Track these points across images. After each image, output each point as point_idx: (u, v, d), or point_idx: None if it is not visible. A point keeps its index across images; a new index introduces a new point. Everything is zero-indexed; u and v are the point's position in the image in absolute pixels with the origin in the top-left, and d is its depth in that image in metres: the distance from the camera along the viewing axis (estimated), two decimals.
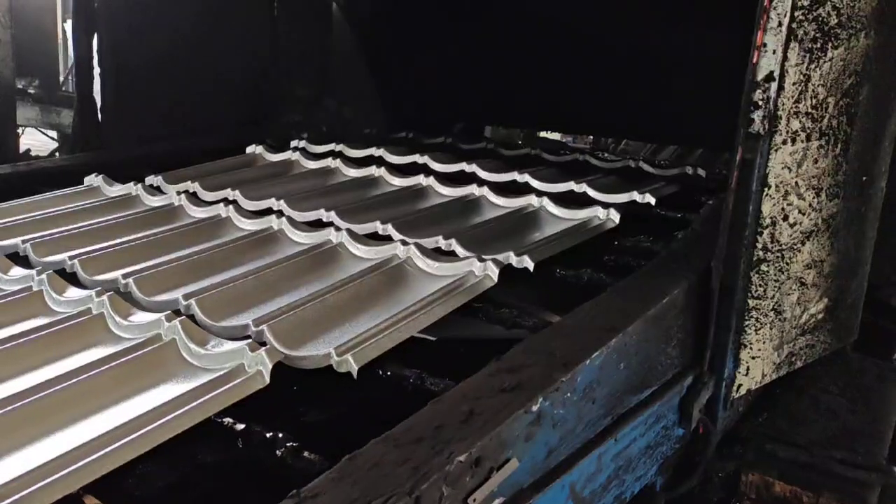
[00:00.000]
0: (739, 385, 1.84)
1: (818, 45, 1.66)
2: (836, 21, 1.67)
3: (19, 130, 4.50)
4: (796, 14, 1.60)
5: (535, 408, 1.24)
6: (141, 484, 1.26)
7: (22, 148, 4.42)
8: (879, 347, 2.45)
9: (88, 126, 3.22)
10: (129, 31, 3.22)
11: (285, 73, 3.82)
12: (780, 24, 1.59)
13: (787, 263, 1.80)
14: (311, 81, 3.92)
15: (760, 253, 1.74)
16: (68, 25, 6.70)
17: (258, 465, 1.32)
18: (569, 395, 1.33)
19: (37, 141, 6.06)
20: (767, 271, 1.77)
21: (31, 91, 5.69)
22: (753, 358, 1.83)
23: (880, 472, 1.79)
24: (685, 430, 1.79)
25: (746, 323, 1.79)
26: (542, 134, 5.91)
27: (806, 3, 1.61)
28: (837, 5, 1.66)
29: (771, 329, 1.83)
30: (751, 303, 1.77)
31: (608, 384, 1.46)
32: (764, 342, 1.83)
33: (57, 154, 5.44)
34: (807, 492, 1.76)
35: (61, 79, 6.76)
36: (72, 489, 1.11)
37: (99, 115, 3.22)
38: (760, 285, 1.77)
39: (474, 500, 1.11)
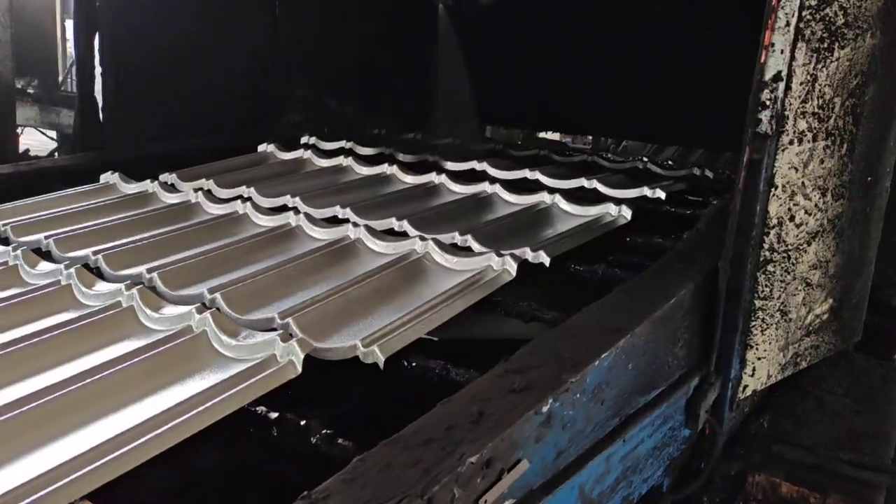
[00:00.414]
0: (745, 386, 1.83)
1: (825, 44, 1.66)
2: (842, 21, 1.67)
3: (18, 130, 4.49)
4: (804, 14, 1.60)
5: (545, 409, 1.23)
6: (175, 471, 1.27)
7: (21, 148, 4.41)
8: (880, 348, 2.45)
9: (89, 126, 3.21)
10: (130, 31, 3.21)
11: (285, 73, 3.82)
12: (787, 24, 1.59)
13: (793, 264, 1.79)
14: (311, 81, 3.91)
15: (767, 253, 1.74)
16: (68, 25, 6.69)
17: (294, 451, 1.33)
18: (578, 395, 1.33)
19: (36, 141, 6.04)
20: (774, 272, 1.77)
21: (31, 91, 5.68)
22: (759, 359, 1.82)
23: (887, 474, 1.79)
24: (692, 431, 1.79)
25: (753, 324, 1.78)
26: (542, 134, 5.91)
27: (813, 3, 1.60)
28: (844, 5, 1.65)
29: (777, 330, 1.83)
30: (757, 303, 1.77)
31: (616, 385, 1.45)
32: (770, 343, 1.83)
33: (56, 154, 5.43)
34: (813, 493, 1.75)
35: (60, 78, 6.74)
36: (113, 476, 1.13)
37: (100, 115, 3.21)
38: (767, 286, 1.77)
39: (486, 502, 1.11)
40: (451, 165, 3.05)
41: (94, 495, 1.10)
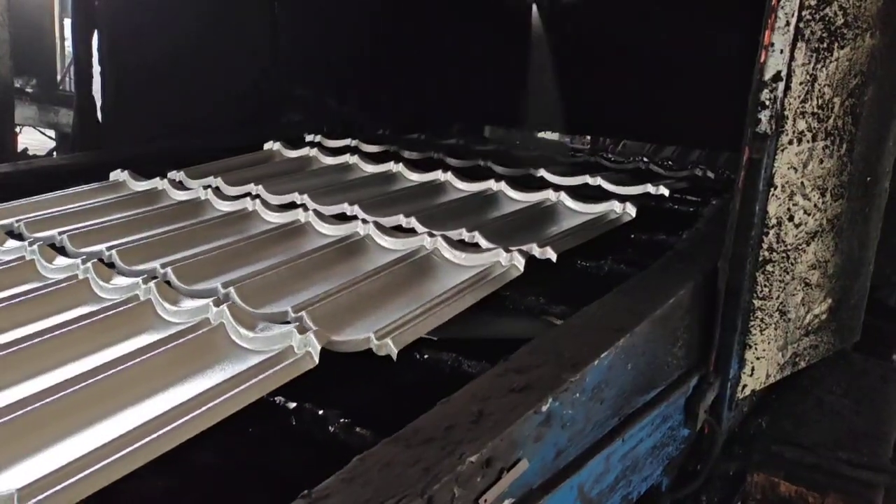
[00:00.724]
0: (744, 386, 1.83)
1: (825, 44, 1.66)
2: (842, 21, 1.67)
3: (17, 129, 4.47)
4: (804, 14, 1.60)
5: (544, 408, 1.24)
6: (202, 457, 1.28)
7: (19, 147, 4.39)
8: (878, 348, 2.45)
9: (88, 125, 3.21)
10: (130, 30, 3.21)
11: (285, 73, 3.81)
12: (787, 24, 1.59)
13: (792, 264, 1.79)
14: (311, 81, 3.91)
15: (766, 253, 1.74)
16: (66, 24, 6.67)
17: (312, 439, 1.36)
18: (577, 395, 1.33)
19: (34, 140, 6.02)
20: (773, 272, 1.77)
21: (29, 90, 5.66)
22: (758, 358, 1.83)
23: (886, 473, 1.79)
24: (691, 431, 1.79)
25: (752, 323, 1.78)
26: (540, 134, 5.90)
27: (813, 3, 1.60)
28: (844, 5, 1.66)
29: (776, 330, 1.83)
30: (756, 303, 1.77)
31: (616, 385, 1.46)
32: (769, 343, 1.83)
33: (55, 153, 5.42)
34: (812, 492, 1.75)
35: (59, 78, 6.72)
36: (138, 464, 1.15)
37: (98, 115, 3.20)
38: (766, 286, 1.77)
39: (485, 501, 1.11)
40: (455, 162, 3.10)
41: (119, 484, 1.12)
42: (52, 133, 6.09)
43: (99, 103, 3.21)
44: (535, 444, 1.23)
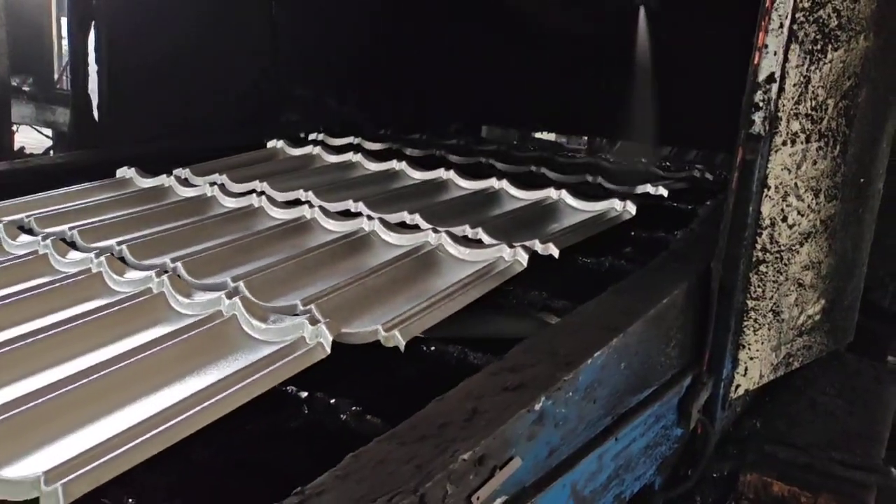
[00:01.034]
0: (738, 386, 1.84)
1: (818, 46, 1.67)
2: (836, 23, 1.68)
3: (14, 128, 4.47)
4: (797, 16, 1.61)
5: (537, 407, 1.24)
6: (213, 447, 1.30)
7: (16, 146, 4.39)
8: (872, 348, 2.46)
9: (84, 124, 3.21)
10: (128, 29, 3.21)
11: (285, 73, 3.82)
12: (781, 26, 1.60)
13: (786, 264, 1.80)
14: (310, 81, 3.91)
15: (759, 254, 1.75)
16: (63, 22, 6.66)
17: (324, 427, 1.39)
18: (570, 394, 1.34)
19: (31, 139, 6.02)
20: (766, 272, 1.78)
21: (26, 88, 5.65)
22: (752, 359, 1.84)
23: (878, 473, 1.80)
24: (684, 431, 1.79)
25: (745, 324, 1.79)
26: (537, 135, 5.91)
27: (807, 5, 1.61)
28: (838, 7, 1.67)
29: (769, 330, 1.84)
30: (749, 304, 1.78)
31: (609, 384, 1.46)
32: (762, 343, 1.84)
33: (51, 152, 5.42)
34: (805, 492, 1.76)
35: (56, 76, 6.72)
36: (155, 451, 1.17)
37: (95, 114, 3.20)
38: (759, 286, 1.78)
39: (478, 499, 1.11)
40: (457, 159, 3.15)
41: (127, 474, 1.14)
42: (48, 132, 6.08)
43: (95, 102, 3.21)
44: (528, 442, 1.24)
